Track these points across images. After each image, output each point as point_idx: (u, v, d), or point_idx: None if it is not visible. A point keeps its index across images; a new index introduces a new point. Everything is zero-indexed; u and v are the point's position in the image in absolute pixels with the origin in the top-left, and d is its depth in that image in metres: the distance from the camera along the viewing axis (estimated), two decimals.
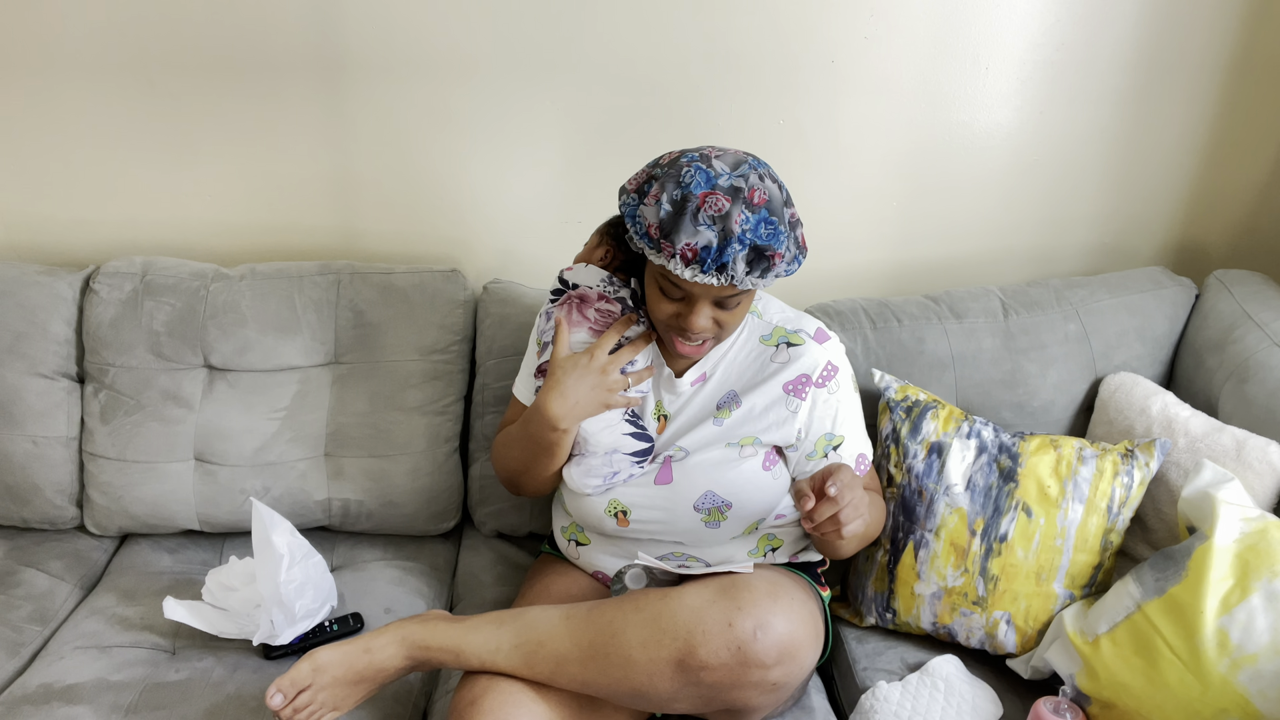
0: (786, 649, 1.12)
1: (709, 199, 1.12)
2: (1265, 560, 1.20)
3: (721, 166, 1.15)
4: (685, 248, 1.12)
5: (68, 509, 1.62)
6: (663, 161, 1.20)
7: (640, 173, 1.22)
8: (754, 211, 1.13)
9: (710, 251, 1.12)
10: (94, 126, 1.70)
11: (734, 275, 1.14)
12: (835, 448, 1.33)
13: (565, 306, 1.34)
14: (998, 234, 1.85)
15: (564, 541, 1.44)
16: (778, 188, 1.18)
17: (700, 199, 1.12)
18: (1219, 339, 1.59)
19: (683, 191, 1.13)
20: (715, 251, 1.12)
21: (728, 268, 1.13)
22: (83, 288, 1.62)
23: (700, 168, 1.15)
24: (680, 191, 1.14)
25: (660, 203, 1.14)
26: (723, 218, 1.12)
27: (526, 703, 1.15)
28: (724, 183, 1.14)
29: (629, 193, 1.20)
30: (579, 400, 1.27)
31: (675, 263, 1.13)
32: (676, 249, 1.12)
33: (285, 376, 1.60)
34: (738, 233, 1.12)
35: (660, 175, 1.17)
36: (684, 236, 1.12)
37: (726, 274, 1.14)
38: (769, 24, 1.64)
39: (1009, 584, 1.39)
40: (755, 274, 1.15)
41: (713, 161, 1.16)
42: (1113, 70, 1.71)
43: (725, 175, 1.14)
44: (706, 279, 1.14)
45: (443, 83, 1.67)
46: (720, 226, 1.12)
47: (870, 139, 1.75)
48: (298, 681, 1.17)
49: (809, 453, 1.33)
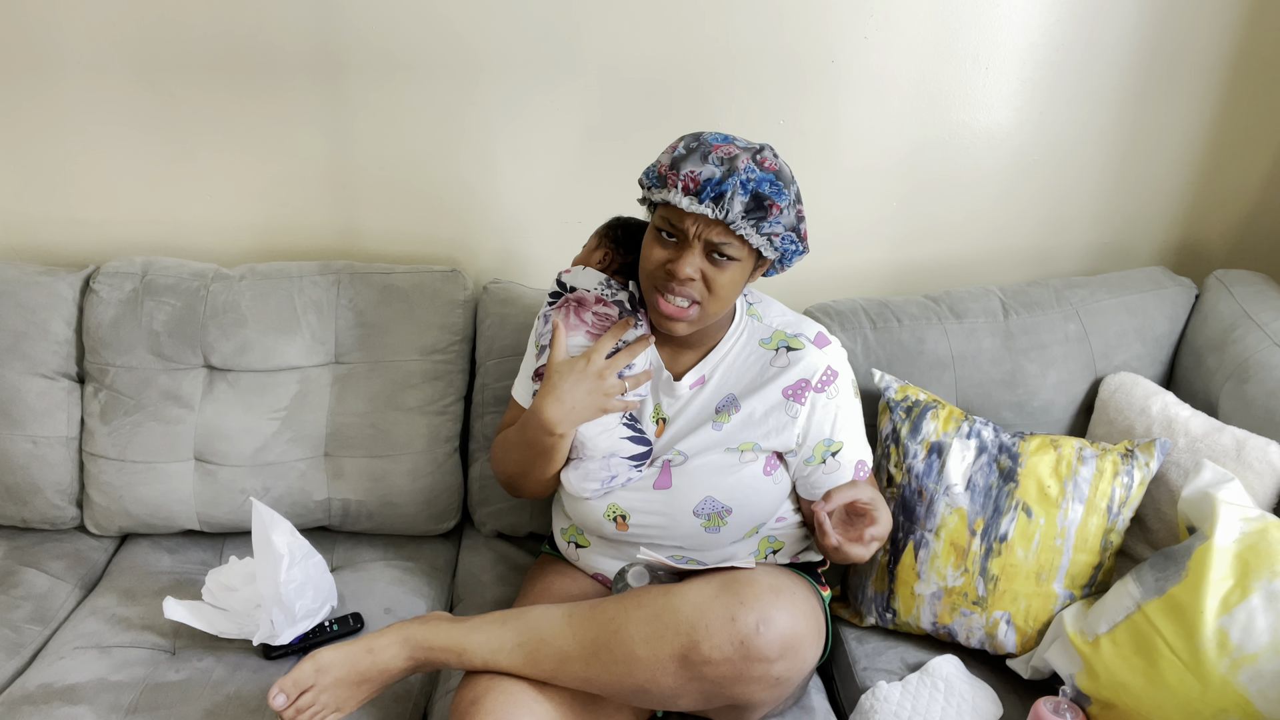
0: (789, 643, 1.12)
1: (723, 148, 1.19)
2: (1265, 560, 1.20)
3: (741, 139, 1.22)
4: (688, 176, 1.17)
5: (68, 509, 1.62)
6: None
7: None
8: (761, 170, 1.18)
9: (711, 182, 1.16)
10: (94, 126, 1.70)
11: (729, 210, 1.16)
12: (834, 453, 1.33)
13: (563, 310, 1.33)
14: (998, 234, 1.85)
15: (564, 543, 1.44)
16: (790, 174, 1.22)
17: (715, 147, 1.19)
18: (1219, 339, 1.59)
19: (699, 141, 1.20)
20: (715, 183, 1.16)
21: (724, 199, 1.16)
22: (83, 288, 1.62)
23: (722, 134, 1.23)
24: (697, 141, 1.20)
25: (676, 148, 1.21)
26: (730, 159, 1.17)
27: (528, 702, 1.15)
28: (740, 144, 1.20)
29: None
30: (576, 404, 1.27)
31: (675, 193, 1.17)
32: (680, 178, 1.17)
33: (285, 376, 1.60)
34: (741, 172, 1.16)
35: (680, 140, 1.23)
36: (689, 167, 1.17)
37: (722, 206, 1.16)
38: (769, 24, 1.64)
39: (1009, 584, 1.39)
40: (750, 221, 1.18)
41: (734, 136, 1.23)
42: (1112, 70, 1.71)
43: (743, 141, 1.21)
44: (702, 208, 1.16)
45: (443, 83, 1.67)
46: (726, 166, 1.17)
47: (870, 139, 1.75)
48: (300, 682, 1.17)
49: (807, 458, 1.33)
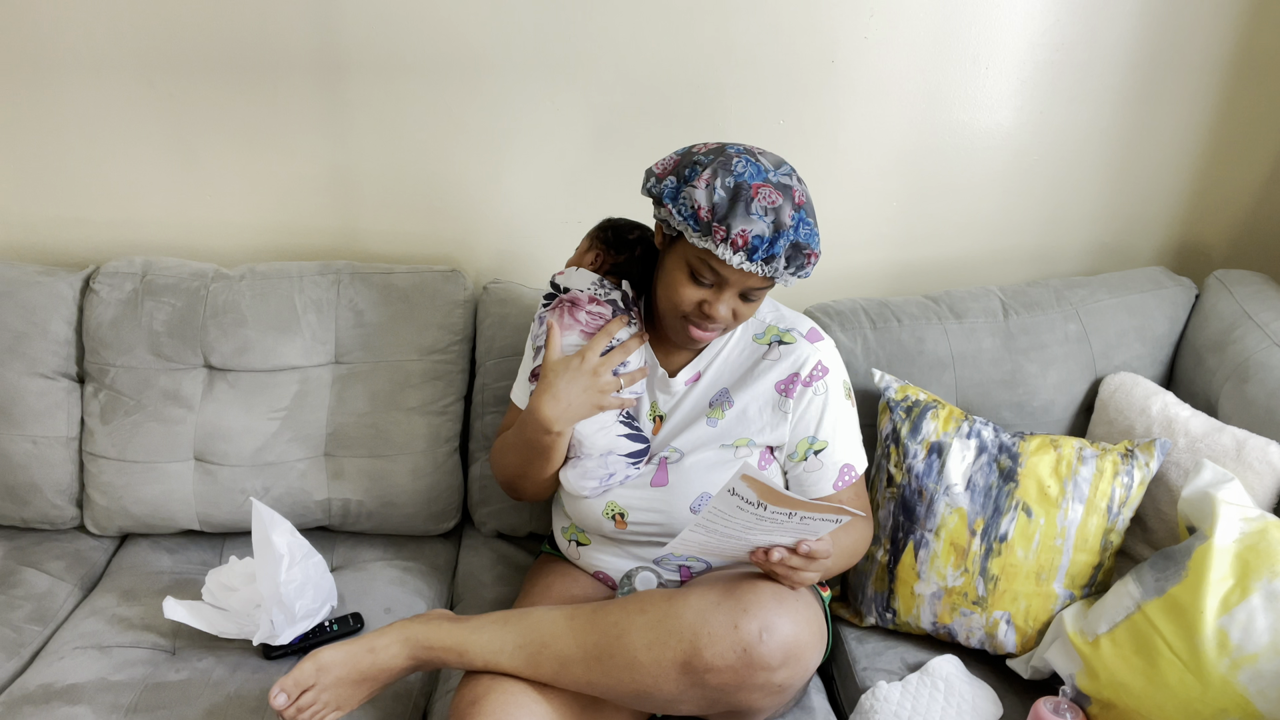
0: (792, 651, 1.12)
1: (762, 190, 1.15)
2: (1265, 560, 1.20)
3: (767, 163, 1.18)
4: (739, 234, 1.14)
5: (68, 509, 1.62)
6: (699, 150, 1.21)
7: (671, 159, 1.22)
8: (797, 211, 1.16)
9: (763, 241, 1.14)
10: (94, 126, 1.70)
11: (777, 268, 1.16)
12: (817, 452, 1.32)
13: (556, 310, 1.34)
14: (998, 234, 1.85)
15: (564, 542, 1.44)
16: (807, 192, 1.21)
17: (754, 189, 1.15)
18: (1219, 339, 1.59)
19: (735, 180, 1.15)
20: (767, 243, 1.14)
21: (774, 260, 1.15)
22: (83, 288, 1.62)
23: (749, 160, 1.17)
24: (733, 179, 1.15)
25: (713, 187, 1.15)
26: (775, 210, 1.15)
27: (528, 703, 1.14)
28: (774, 178, 1.17)
29: (664, 176, 1.20)
30: (571, 403, 1.27)
31: (724, 248, 1.15)
32: (731, 234, 1.14)
33: (285, 376, 1.60)
34: (788, 227, 1.15)
35: (706, 161, 1.18)
36: (739, 223, 1.14)
37: (772, 265, 1.16)
38: (770, 24, 1.64)
39: (1009, 584, 1.39)
40: (791, 269, 1.18)
41: (758, 156, 1.19)
42: (1112, 70, 1.71)
43: (773, 171, 1.18)
44: (753, 268, 1.16)
45: (443, 83, 1.67)
46: (773, 219, 1.14)
47: (871, 139, 1.75)
48: (301, 681, 1.17)
49: (790, 453, 1.33)
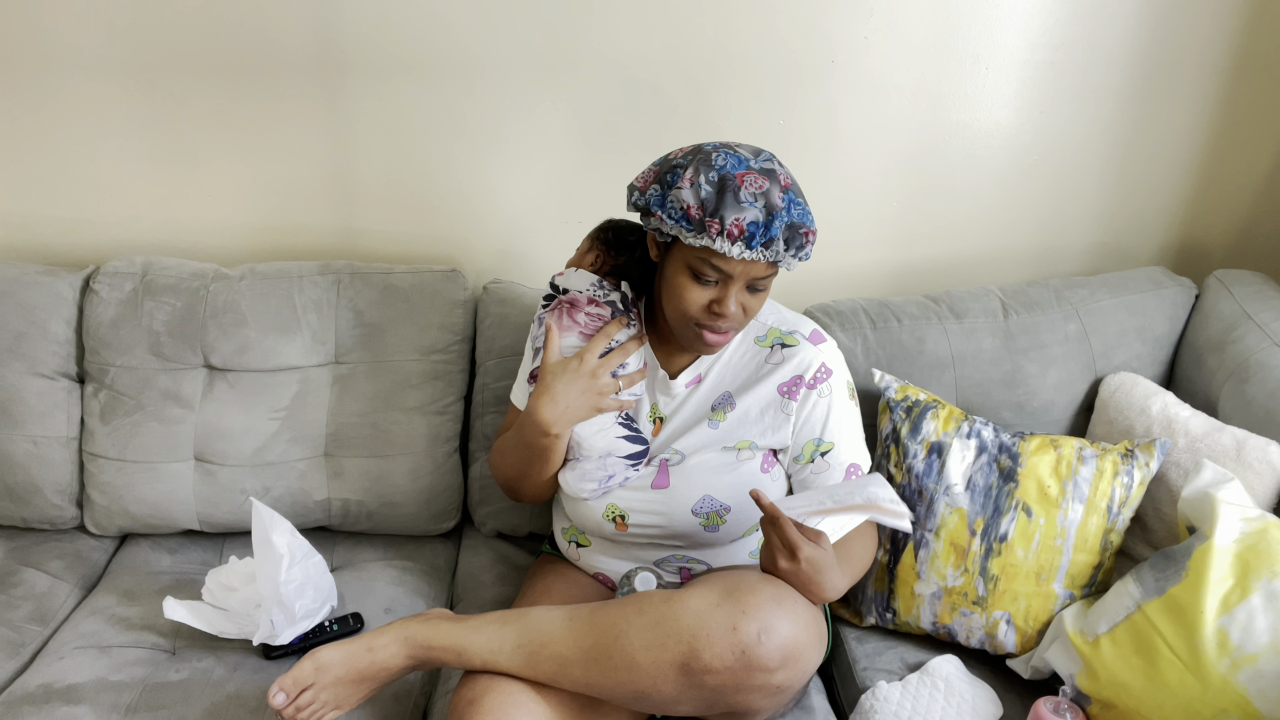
0: (790, 652, 1.12)
1: (747, 178, 1.15)
2: (1265, 560, 1.20)
3: (746, 153, 1.18)
4: (733, 224, 1.13)
5: (68, 509, 1.62)
6: (676, 155, 1.21)
7: (650, 170, 1.22)
8: (785, 193, 1.16)
9: (758, 227, 1.14)
10: (94, 126, 1.70)
11: (777, 252, 1.16)
12: (824, 454, 1.32)
13: (555, 311, 1.34)
14: (998, 234, 1.85)
15: (564, 543, 1.44)
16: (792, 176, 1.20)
17: (739, 178, 1.14)
18: (1219, 339, 1.59)
19: (718, 173, 1.15)
20: (762, 227, 1.14)
21: (773, 243, 1.15)
22: (83, 288, 1.62)
23: (728, 152, 1.17)
24: (717, 173, 1.15)
25: (698, 184, 1.15)
26: (764, 194, 1.14)
27: (527, 703, 1.14)
28: (756, 165, 1.16)
29: (647, 186, 1.20)
30: (570, 404, 1.27)
31: (721, 241, 1.14)
32: (725, 225, 1.13)
33: (285, 376, 1.60)
34: (780, 209, 1.14)
35: (685, 163, 1.18)
36: (731, 213, 1.13)
37: (772, 250, 1.15)
38: (769, 24, 1.64)
39: (1009, 584, 1.39)
40: (791, 250, 1.17)
41: (736, 148, 1.18)
42: (1112, 70, 1.71)
43: (754, 159, 1.17)
44: (753, 255, 1.15)
45: (443, 83, 1.67)
46: (764, 203, 1.14)
47: (870, 139, 1.75)
48: (300, 680, 1.17)
49: (796, 456, 1.32)
